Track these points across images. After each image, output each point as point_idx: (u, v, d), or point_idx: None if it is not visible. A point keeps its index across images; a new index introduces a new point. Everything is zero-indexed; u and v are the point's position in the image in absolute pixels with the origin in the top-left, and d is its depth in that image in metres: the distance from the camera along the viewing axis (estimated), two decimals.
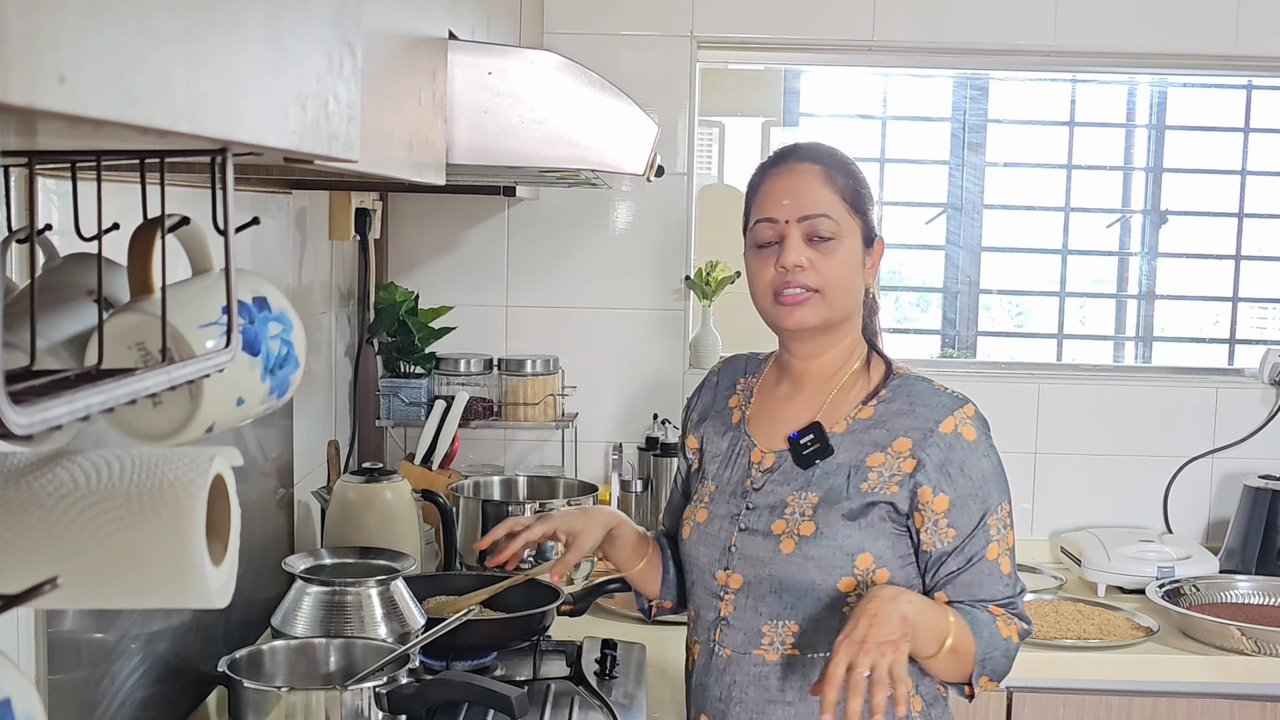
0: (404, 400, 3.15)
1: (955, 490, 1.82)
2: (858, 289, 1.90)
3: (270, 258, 2.48)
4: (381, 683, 1.86)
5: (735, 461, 1.95)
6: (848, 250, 1.86)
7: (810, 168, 1.88)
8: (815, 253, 1.84)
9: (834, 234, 1.85)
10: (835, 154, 1.91)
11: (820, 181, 1.87)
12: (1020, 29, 3.32)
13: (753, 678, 1.87)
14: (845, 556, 1.81)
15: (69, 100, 0.53)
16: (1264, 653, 2.74)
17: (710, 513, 1.93)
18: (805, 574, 1.82)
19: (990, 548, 1.83)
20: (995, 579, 1.84)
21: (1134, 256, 3.70)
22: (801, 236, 1.84)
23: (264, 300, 0.98)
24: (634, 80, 3.19)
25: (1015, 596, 1.86)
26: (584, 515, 2.03)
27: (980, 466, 1.83)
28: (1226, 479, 3.39)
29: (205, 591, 0.84)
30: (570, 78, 1.57)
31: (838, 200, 1.86)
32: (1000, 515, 1.84)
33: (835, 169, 1.88)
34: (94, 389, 0.68)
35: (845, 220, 1.86)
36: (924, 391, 1.88)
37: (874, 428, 1.86)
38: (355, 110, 0.90)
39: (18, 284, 1.05)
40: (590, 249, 3.38)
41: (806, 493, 1.86)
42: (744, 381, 2.04)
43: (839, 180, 1.87)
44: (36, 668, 1.55)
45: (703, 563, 1.93)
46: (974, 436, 1.84)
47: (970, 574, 1.83)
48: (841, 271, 1.86)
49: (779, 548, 1.84)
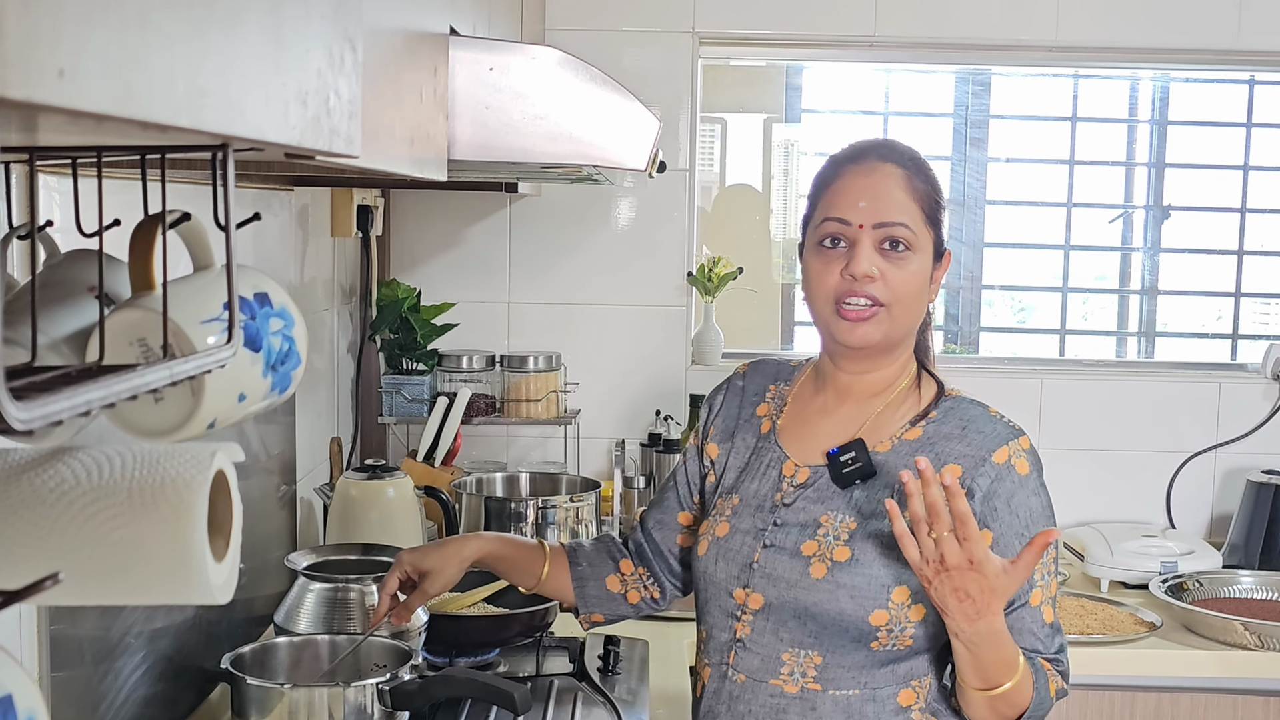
0: (406, 397, 3.15)
1: (1000, 527, 1.68)
2: (923, 305, 1.76)
3: (272, 255, 2.48)
4: (385, 679, 1.86)
5: (764, 473, 1.81)
6: (919, 263, 1.72)
7: (893, 170, 1.73)
8: (887, 263, 1.70)
9: (910, 244, 1.71)
10: (917, 157, 1.78)
11: (902, 186, 1.72)
12: (1022, 24, 3.32)
13: (769, 710, 1.72)
14: (880, 588, 1.67)
15: (68, 95, 0.53)
16: (1267, 648, 2.74)
17: (733, 527, 1.79)
18: (835, 603, 1.68)
19: (1034, 594, 1.68)
20: (1037, 628, 1.69)
21: (1136, 252, 3.70)
22: (873, 244, 1.70)
23: (265, 296, 0.98)
24: (636, 76, 3.19)
25: (1060, 654, 1.72)
26: (438, 551, 1.92)
27: (1029, 505, 1.70)
28: (1229, 474, 3.39)
29: (207, 588, 0.84)
30: (571, 73, 1.57)
31: (916, 209, 1.72)
32: (1045, 561, 1.68)
33: (917, 174, 1.74)
34: (95, 384, 0.68)
35: (921, 231, 1.72)
36: (978, 417, 1.74)
37: (922, 450, 1.72)
38: (356, 106, 0.90)
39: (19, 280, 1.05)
40: (593, 245, 3.38)
41: (843, 515, 1.72)
42: (774, 389, 1.89)
43: (919, 187, 1.73)
44: (39, 665, 1.55)
45: (719, 579, 1.78)
46: (1027, 471, 1.71)
47: (1010, 619, 1.65)
48: (912, 285, 1.72)
49: (808, 570, 1.69)
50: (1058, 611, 1.73)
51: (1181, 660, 2.77)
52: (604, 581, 1.97)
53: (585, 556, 1.98)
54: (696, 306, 3.44)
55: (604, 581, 1.97)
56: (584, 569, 1.97)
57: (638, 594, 1.98)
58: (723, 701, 1.77)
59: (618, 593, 1.97)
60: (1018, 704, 1.63)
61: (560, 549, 1.98)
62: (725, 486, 1.86)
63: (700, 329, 3.42)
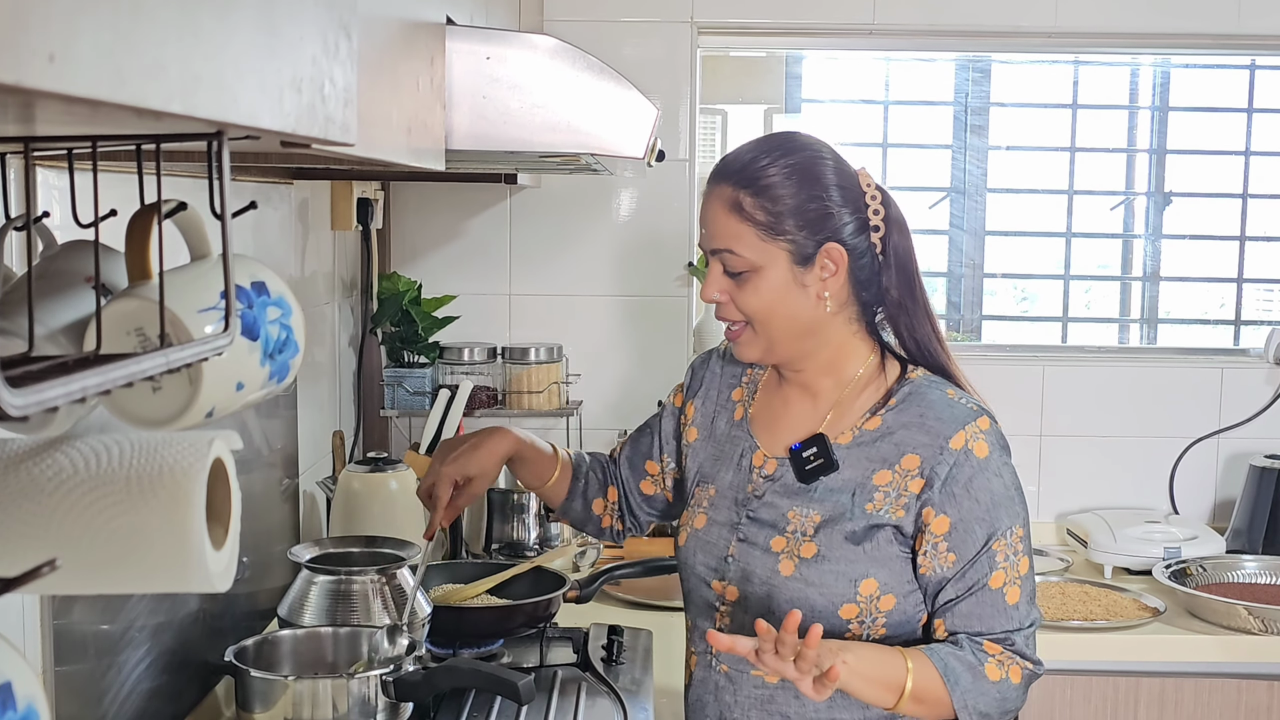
0: (408, 390, 3.15)
1: (959, 512, 1.67)
2: (795, 312, 1.71)
3: (273, 248, 2.48)
4: (389, 670, 1.86)
5: (738, 463, 1.83)
6: (769, 279, 1.69)
7: (721, 193, 1.71)
8: (732, 285, 1.72)
9: (745, 268, 1.70)
10: (750, 168, 1.70)
11: (726, 210, 1.70)
12: (1021, 11, 3.32)
13: (755, 700, 1.75)
14: (848, 582, 1.69)
15: (59, 79, 0.53)
16: (1271, 632, 2.74)
17: (709, 519, 1.82)
18: (805, 599, 1.69)
19: (994, 576, 1.68)
20: (998, 611, 1.68)
21: (1138, 238, 3.70)
22: (719, 267, 1.72)
23: (262, 285, 0.98)
24: (635, 67, 3.18)
25: (1016, 631, 1.69)
26: (477, 454, 1.93)
27: (989, 487, 1.68)
28: (1232, 459, 3.39)
29: (206, 576, 0.84)
30: (569, 63, 1.57)
31: (748, 230, 1.69)
32: (1010, 541, 1.68)
33: (749, 189, 1.69)
34: (91, 372, 0.68)
35: (759, 250, 1.69)
36: (936, 401, 1.72)
37: (881, 440, 1.72)
38: (352, 94, 0.90)
39: (16, 272, 1.05)
40: (593, 236, 3.37)
41: (809, 510, 1.73)
42: (750, 373, 1.91)
43: (749, 205, 1.69)
44: (43, 658, 1.55)
45: (699, 571, 1.82)
46: (986, 453, 1.68)
47: (970, 603, 1.68)
48: (761, 303, 1.71)
49: (777, 568, 1.72)
50: (1032, 591, 1.72)
51: (1185, 645, 2.77)
52: (592, 502, 2.05)
53: (586, 473, 2.05)
54: (697, 297, 3.44)
55: (592, 502, 2.05)
56: (582, 485, 2.04)
57: (609, 520, 2.06)
58: (709, 691, 1.81)
59: (597, 514, 2.05)
60: (936, 697, 1.63)
61: (569, 462, 2.04)
62: (702, 474, 1.88)
63: (701, 319, 3.42)
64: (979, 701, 1.65)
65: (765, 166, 1.70)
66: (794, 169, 1.71)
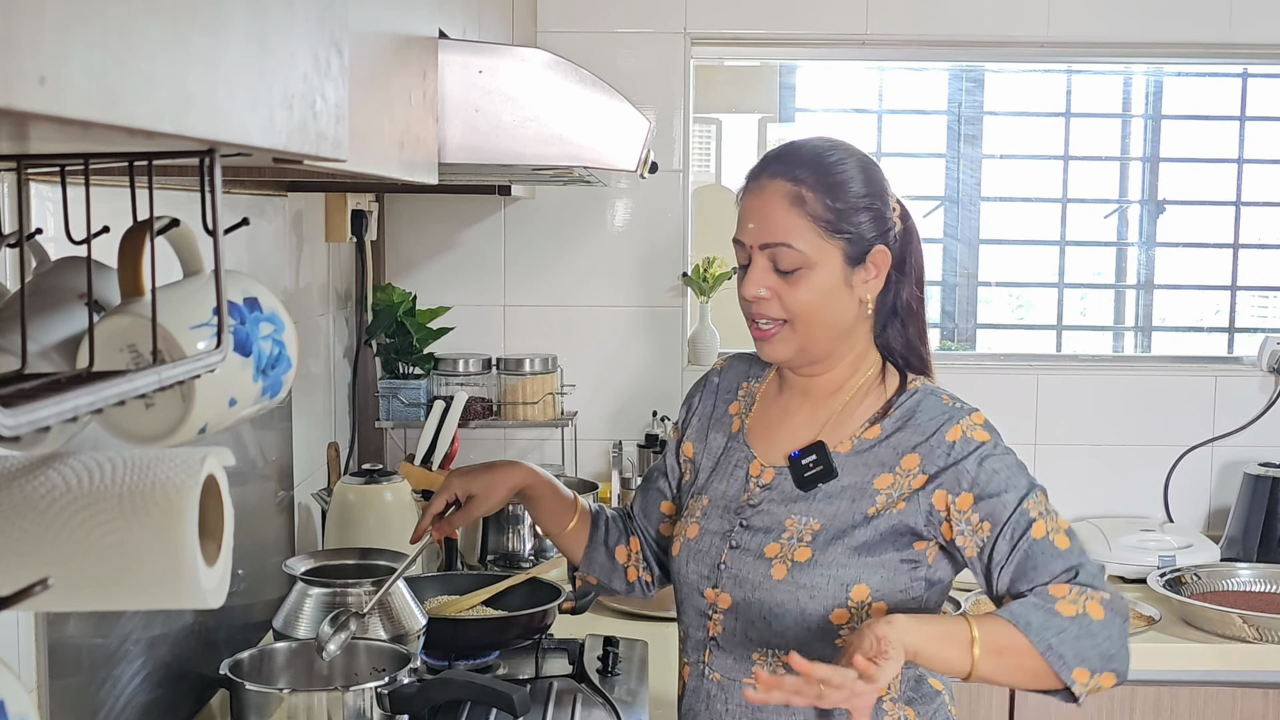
0: (403, 401, 3.15)
1: (978, 487, 1.66)
2: (838, 313, 1.72)
3: (267, 261, 2.48)
4: (383, 683, 1.86)
5: (732, 473, 1.82)
6: (821, 277, 1.69)
7: (779, 186, 1.69)
8: (780, 281, 1.69)
9: (799, 264, 1.68)
10: (819, 162, 1.71)
11: (786, 205, 1.69)
12: (1014, 20, 3.32)
13: (746, 709, 1.74)
14: (840, 587, 1.68)
15: (50, 102, 0.53)
16: (1266, 640, 2.74)
17: (702, 528, 1.81)
18: (796, 603, 1.69)
19: (1035, 527, 1.64)
20: (1051, 557, 1.64)
21: (1132, 246, 3.70)
22: (768, 264, 1.70)
23: (255, 301, 0.98)
24: (629, 77, 3.19)
25: (1079, 567, 1.63)
26: (487, 475, 1.91)
27: (1002, 461, 1.69)
28: (1227, 467, 3.39)
29: (199, 592, 0.84)
30: (561, 75, 1.57)
31: (807, 225, 1.68)
32: (1037, 499, 1.67)
33: (811, 185, 1.68)
34: (83, 390, 0.68)
35: (816, 246, 1.68)
36: (930, 406, 1.73)
37: (879, 447, 1.73)
38: (343, 110, 0.90)
39: (9, 288, 1.05)
40: (587, 247, 3.38)
41: (807, 517, 1.72)
42: (746, 386, 1.90)
43: (811, 200, 1.68)
44: (38, 673, 1.55)
45: (691, 579, 1.80)
46: (986, 437, 1.70)
47: (1021, 561, 1.63)
48: (811, 301, 1.69)
49: (770, 572, 1.71)
50: (1082, 542, 1.68)
51: (1180, 654, 2.77)
52: (614, 550, 1.99)
53: (606, 523, 2.00)
54: (692, 307, 3.45)
55: (614, 550, 1.99)
56: (603, 533, 1.99)
57: (635, 572, 2.00)
58: (701, 700, 1.80)
59: (622, 563, 2.00)
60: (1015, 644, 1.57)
61: (588, 511, 2.00)
62: (697, 486, 1.88)
63: (696, 329, 3.43)
64: (1062, 643, 1.57)
65: (836, 162, 1.71)
66: (861, 167, 1.73)
